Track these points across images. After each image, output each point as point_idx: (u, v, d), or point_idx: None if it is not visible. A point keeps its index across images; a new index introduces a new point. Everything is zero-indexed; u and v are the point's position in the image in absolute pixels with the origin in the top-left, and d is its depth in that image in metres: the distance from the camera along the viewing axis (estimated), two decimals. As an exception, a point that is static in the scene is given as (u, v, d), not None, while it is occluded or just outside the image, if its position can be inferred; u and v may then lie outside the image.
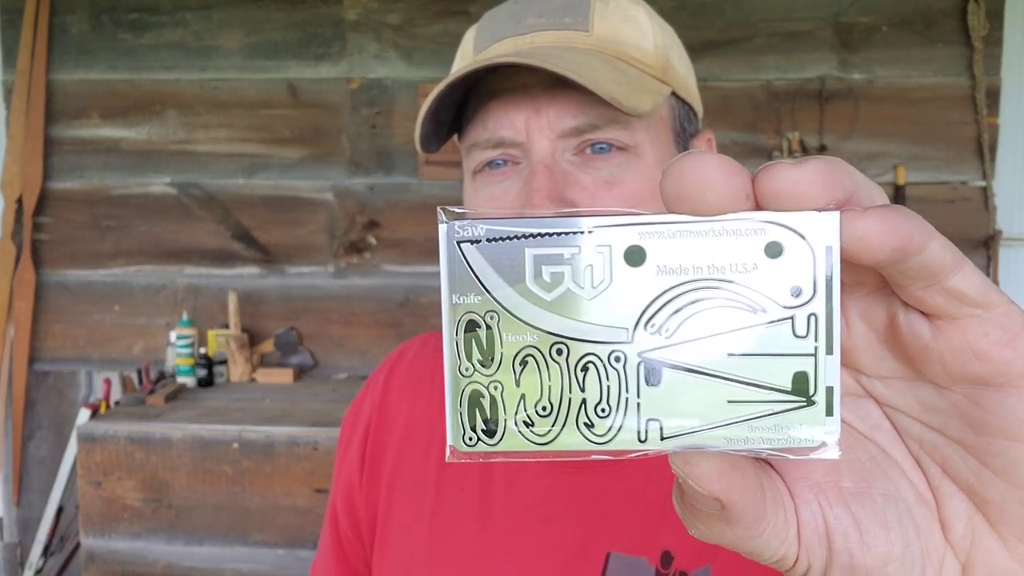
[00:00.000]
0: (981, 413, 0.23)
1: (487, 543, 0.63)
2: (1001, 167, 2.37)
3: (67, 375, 2.64)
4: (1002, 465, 0.23)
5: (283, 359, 2.56)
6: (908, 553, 0.24)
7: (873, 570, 0.24)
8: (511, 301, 0.22)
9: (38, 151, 2.54)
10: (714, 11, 2.39)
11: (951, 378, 0.23)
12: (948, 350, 0.22)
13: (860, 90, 2.37)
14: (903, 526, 0.24)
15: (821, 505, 0.24)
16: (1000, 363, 0.22)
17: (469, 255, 0.22)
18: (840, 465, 0.25)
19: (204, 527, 2.03)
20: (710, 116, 2.43)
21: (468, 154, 0.60)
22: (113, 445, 2.00)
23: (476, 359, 0.22)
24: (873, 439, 0.25)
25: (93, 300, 2.60)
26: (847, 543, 0.24)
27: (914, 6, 2.35)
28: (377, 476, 0.70)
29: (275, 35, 2.50)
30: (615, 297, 0.21)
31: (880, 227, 0.21)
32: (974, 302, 0.22)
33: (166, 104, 2.54)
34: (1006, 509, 0.23)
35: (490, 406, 0.22)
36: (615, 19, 0.58)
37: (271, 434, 1.98)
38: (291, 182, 2.54)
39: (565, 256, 0.21)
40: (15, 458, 2.61)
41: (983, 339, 0.22)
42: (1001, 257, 2.37)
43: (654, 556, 0.57)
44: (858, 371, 0.25)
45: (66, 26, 2.53)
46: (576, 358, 0.21)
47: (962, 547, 0.24)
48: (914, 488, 0.25)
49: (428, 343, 0.75)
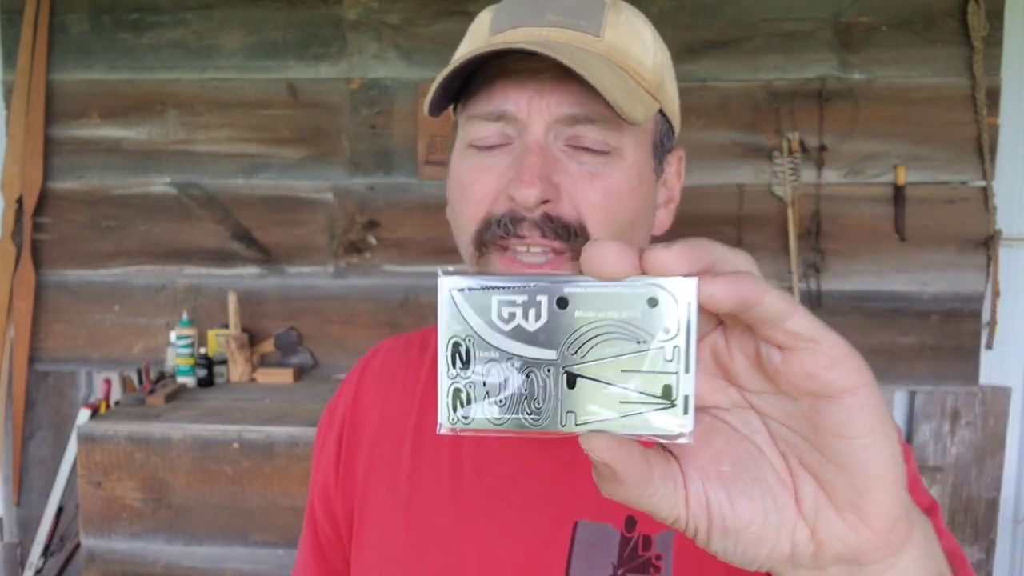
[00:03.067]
0: (818, 418, 0.31)
1: (461, 524, 0.66)
2: (1001, 167, 2.37)
3: (67, 375, 2.64)
4: (833, 455, 0.31)
5: (283, 359, 2.57)
6: (767, 520, 0.33)
7: (740, 529, 0.33)
8: (482, 330, 0.31)
9: (38, 151, 2.54)
10: (714, 11, 2.39)
11: (797, 392, 0.31)
12: (792, 373, 0.30)
13: (860, 90, 2.37)
14: (764, 501, 0.33)
15: (704, 483, 0.33)
16: (826, 382, 0.30)
17: (456, 299, 0.31)
18: (722, 455, 0.34)
19: (204, 527, 2.03)
20: (709, 117, 2.44)
21: (467, 124, 0.63)
22: (113, 445, 2.00)
23: (459, 367, 0.32)
24: (751, 439, 0.34)
25: (93, 300, 2.60)
26: (721, 511, 0.33)
27: (914, 6, 2.35)
28: (352, 472, 0.73)
29: (275, 35, 2.50)
30: (549, 330, 0.31)
31: (724, 289, 0.29)
32: (807, 338, 0.29)
33: (166, 104, 2.54)
34: (838, 488, 0.32)
35: (466, 398, 0.32)
36: (624, 31, 0.62)
37: (271, 434, 1.99)
38: (291, 182, 2.54)
39: (517, 302, 0.31)
40: (15, 458, 2.61)
41: (814, 365, 0.30)
42: (1001, 257, 2.37)
43: (619, 522, 0.62)
44: (742, 388, 0.33)
45: (66, 26, 2.53)
46: (523, 368, 0.31)
47: (810, 516, 0.33)
48: (776, 474, 0.33)
49: (399, 343, 0.79)
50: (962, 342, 2.41)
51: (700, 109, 2.42)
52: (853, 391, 0.30)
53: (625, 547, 0.62)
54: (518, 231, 0.58)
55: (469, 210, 0.61)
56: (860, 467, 0.31)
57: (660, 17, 2.40)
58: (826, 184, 2.40)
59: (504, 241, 0.59)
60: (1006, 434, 2.45)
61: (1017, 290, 2.44)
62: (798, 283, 2.40)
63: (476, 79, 0.61)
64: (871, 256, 2.42)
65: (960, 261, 2.39)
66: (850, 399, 0.30)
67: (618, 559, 0.61)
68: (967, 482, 2.46)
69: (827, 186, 2.40)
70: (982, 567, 2.47)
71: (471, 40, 0.67)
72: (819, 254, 2.41)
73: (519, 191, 0.57)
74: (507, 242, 0.59)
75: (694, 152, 2.44)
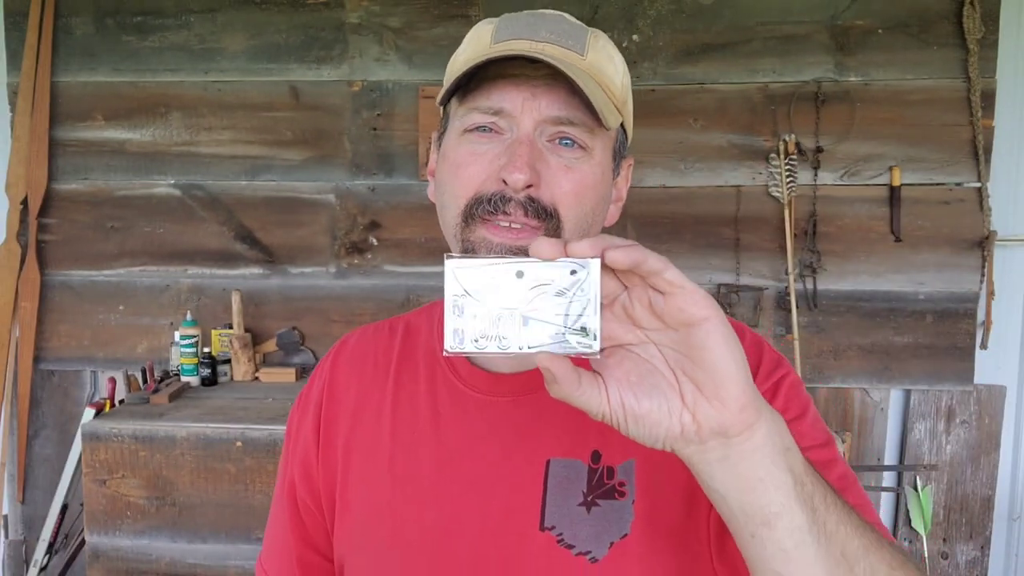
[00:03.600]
0: (689, 339, 0.47)
1: (444, 470, 0.76)
2: (996, 169, 2.39)
3: (72, 374, 2.66)
4: (701, 363, 0.47)
5: (285, 358, 2.59)
6: (661, 408, 0.49)
7: (644, 416, 0.50)
8: (472, 291, 0.49)
9: (43, 153, 2.56)
10: (711, 14, 2.42)
11: (675, 323, 0.47)
12: (671, 309, 0.47)
13: (856, 92, 2.40)
14: (659, 397, 0.50)
15: (619, 390, 0.50)
16: (691, 313, 0.46)
17: (456, 273, 0.49)
18: (630, 371, 0.51)
19: (207, 525, 2.05)
20: (706, 119, 2.46)
21: (466, 113, 0.72)
22: (117, 443, 2.02)
23: (456, 314, 0.49)
24: (651, 362, 0.50)
25: (98, 300, 2.62)
26: (631, 405, 0.50)
27: (910, 9, 2.37)
28: (332, 445, 0.82)
29: (277, 38, 2.52)
30: (512, 290, 0.49)
31: (624, 254, 0.46)
32: (677, 285, 0.46)
33: (170, 106, 2.56)
34: (706, 385, 0.48)
35: (461, 332, 0.49)
36: (602, 55, 0.73)
37: (274, 432, 2.00)
38: (293, 183, 2.56)
39: (491, 274, 0.49)
40: (20, 456, 2.64)
41: (683, 302, 0.46)
42: (995, 257, 2.39)
43: (585, 456, 0.73)
44: (642, 328, 0.50)
45: (70, 28, 2.56)
46: (496, 314, 0.49)
47: (691, 406, 0.49)
48: (667, 381, 0.50)
49: (367, 331, 0.90)
50: (957, 342, 2.43)
51: (698, 111, 2.44)
52: (708, 318, 0.46)
53: (593, 477, 0.72)
54: (505, 208, 0.68)
55: (461, 187, 0.71)
56: (717, 369, 0.47)
57: (658, 20, 2.42)
58: (822, 185, 2.43)
59: (491, 216, 0.69)
60: (1001, 433, 2.47)
61: (1011, 290, 2.46)
62: (795, 283, 2.42)
63: (476, 78, 0.71)
64: (867, 256, 2.44)
65: (955, 261, 2.41)
66: (706, 324, 0.46)
67: (587, 487, 0.72)
68: (962, 480, 2.48)
69: (823, 187, 2.43)
70: (977, 564, 2.49)
71: (473, 47, 0.75)
72: (815, 254, 2.43)
73: (511, 175, 0.67)
74: (494, 217, 0.69)
75: (692, 154, 2.46)
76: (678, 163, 2.47)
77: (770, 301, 2.48)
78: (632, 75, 0.81)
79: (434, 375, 0.80)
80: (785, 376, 0.73)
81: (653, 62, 2.44)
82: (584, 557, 0.70)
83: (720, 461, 0.50)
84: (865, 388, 2.50)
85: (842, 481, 0.67)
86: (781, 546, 0.50)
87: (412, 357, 0.83)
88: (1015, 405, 2.50)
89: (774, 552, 0.50)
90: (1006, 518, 2.54)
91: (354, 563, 0.80)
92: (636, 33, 2.43)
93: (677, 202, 2.48)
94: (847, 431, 2.48)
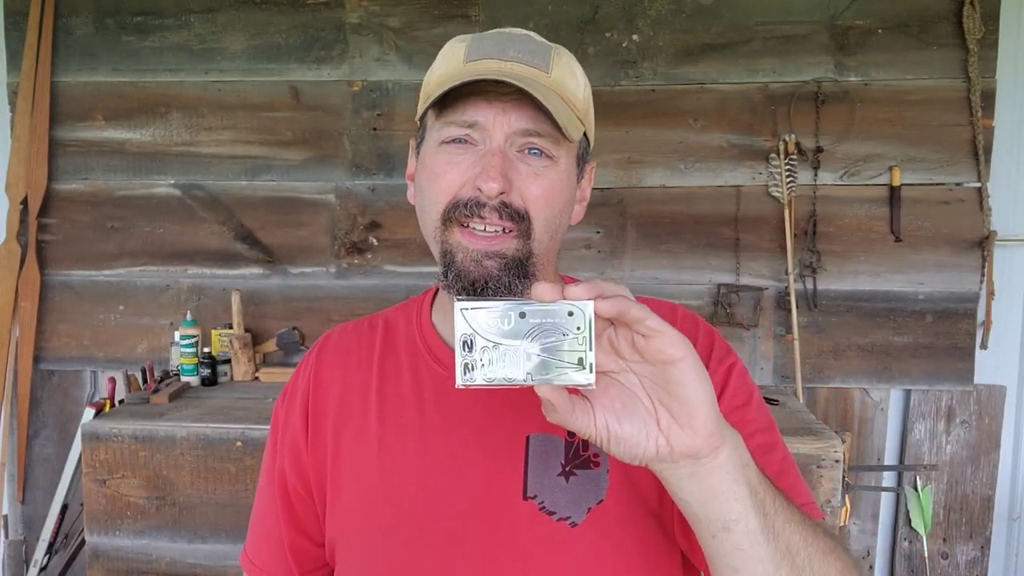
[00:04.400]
0: (666, 374, 0.54)
1: (428, 448, 0.82)
2: (996, 169, 2.39)
3: (72, 374, 2.66)
4: (675, 395, 0.54)
5: (285, 358, 2.59)
6: (640, 432, 0.56)
7: (625, 439, 0.56)
8: (480, 330, 0.54)
9: (43, 153, 2.56)
10: (711, 14, 2.42)
11: (654, 360, 0.54)
12: (651, 349, 0.53)
13: (856, 92, 2.40)
14: (639, 422, 0.56)
15: (604, 414, 0.57)
16: (668, 354, 0.53)
17: (465, 314, 0.54)
18: (615, 398, 0.57)
19: (207, 525, 2.05)
20: (706, 119, 2.47)
21: (442, 126, 0.79)
22: (117, 443, 2.02)
23: (466, 351, 0.54)
24: (632, 390, 0.57)
25: (98, 300, 2.62)
26: (614, 428, 0.57)
27: (910, 9, 2.37)
28: (322, 431, 0.88)
29: (278, 38, 2.52)
30: (516, 329, 0.54)
31: (609, 305, 0.52)
32: (656, 330, 0.53)
33: (170, 106, 2.57)
34: (679, 414, 0.55)
35: (471, 367, 0.54)
36: (565, 71, 0.80)
37: (274, 432, 2.00)
38: (293, 183, 2.56)
39: (498, 315, 0.54)
40: (20, 456, 2.64)
41: (661, 344, 0.53)
42: (995, 257, 2.39)
43: (561, 432, 0.79)
44: (624, 359, 0.56)
45: (70, 28, 2.56)
46: (503, 350, 0.54)
47: (665, 431, 0.56)
48: (646, 408, 0.56)
49: (347, 328, 0.96)
50: (957, 342, 2.43)
51: (698, 111, 2.45)
52: (683, 358, 0.53)
53: (569, 449, 0.79)
54: (480, 213, 0.75)
55: (440, 193, 0.78)
56: (690, 401, 0.54)
57: (658, 20, 2.42)
58: (822, 185, 2.43)
59: (467, 220, 0.76)
60: (1001, 433, 2.47)
61: (1011, 290, 2.46)
62: (795, 283, 2.42)
63: (451, 95, 0.77)
64: (867, 256, 2.44)
65: (955, 262, 2.41)
66: (681, 363, 0.53)
67: (565, 459, 0.79)
68: (962, 480, 2.48)
69: (823, 187, 2.43)
70: (977, 564, 2.49)
71: (447, 63, 0.81)
72: (815, 255, 2.43)
73: (485, 184, 0.74)
74: (470, 220, 0.76)
75: (692, 154, 2.46)
76: (678, 163, 2.47)
77: (770, 301, 2.48)
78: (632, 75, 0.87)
79: (417, 365, 0.87)
80: (734, 364, 0.83)
81: (653, 62, 2.44)
82: (565, 522, 0.77)
83: (689, 477, 0.57)
84: (865, 388, 2.50)
85: (783, 463, 0.79)
86: (738, 546, 0.59)
87: (394, 350, 0.89)
88: (1015, 405, 2.50)
89: (731, 551, 0.59)
90: (1006, 518, 2.54)
91: (346, 544, 0.85)
92: (636, 33, 2.43)
93: (677, 202, 2.48)
94: (847, 431, 2.47)
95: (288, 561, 0.90)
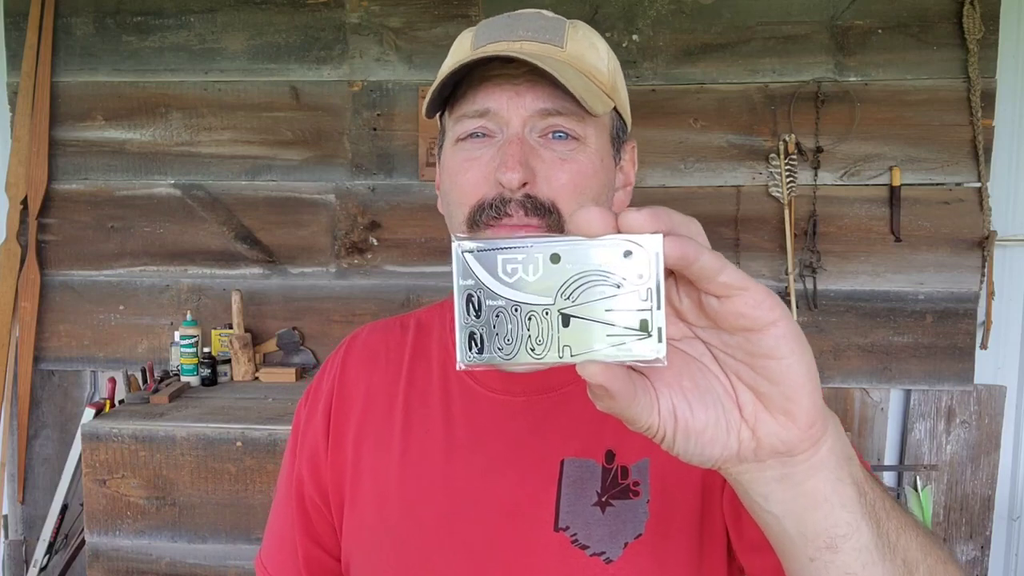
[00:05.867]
0: (751, 346, 0.39)
1: (453, 465, 0.75)
2: (996, 169, 2.39)
3: (72, 374, 2.66)
4: (765, 373, 0.40)
5: (285, 358, 2.59)
6: (718, 423, 0.41)
7: (698, 432, 0.41)
8: (489, 283, 0.38)
9: (43, 153, 2.56)
10: (711, 14, 2.42)
11: (732, 328, 0.39)
12: (727, 313, 0.39)
13: (856, 93, 2.40)
14: (716, 407, 0.41)
15: (671, 395, 0.41)
16: (754, 318, 0.38)
17: (467, 259, 0.38)
18: (682, 374, 0.41)
19: (208, 525, 2.05)
20: (707, 119, 2.46)
21: (456, 122, 0.73)
22: (117, 443, 2.02)
23: (472, 315, 0.38)
24: (701, 361, 0.42)
25: (98, 300, 2.62)
26: (684, 416, 0.41)
27: (910, 9, 2.37)
28: (343, 438, 0.81)
29: (278, 38, 2.52)
30: (545, 280, 0.37)
31: (671, 248, 0.36)
32: (736, 288, 0.38)
33: (170, 106, 2.56)
34: (771, 397, 0.40)
35: (479, 340, 0.38)
36: (583, 44, 0.73)
37: (274, 432, 2.01)
38: (293, 184, 2.56)
39: (519, 259, 0.38)
40: (20, 456, 2.63)
41: (743, 306, 0.38)
42: (996, 257, 2.39)
43: (599, 456, 0.71)
44: (689, 324, 0.41)
45: (70, 29, 2.56)
46: (525, 313, 0.38)
47: (751, 420, 0.41)
48: (723, 386, 0.42)
49: (377, 326, 0.89)
50: (957, 342, 2.43)
51: (698, 111, 2.44)
52: (775, 322, 0.39)
53: (607, 477, 0.71)
54: (507, 210, 0.68)
55: (463, 196, 0.71)
56: (787, 380, 0.40)
57: (658, 20, 2.42)
58: (822, 185, 2.43)
59: (495, 222, 0.69)
60: (1001, 433, 2.47)
61: (1011, 290, 2.46)
62: (795, 283, 2.42)
63: (462, 86, 0.72)
64: (867, 256, 2.44)
65: (955, 262, 2.41)
66: (774, 329, 0.39)
67: (601, 487, 0.71)
68: (962, 480, 2.48)
69: (823, 187, 2.43)
70: (977, 564, 2.49)
71: (455, 55, 0.76)
72: (815, 255, 2.43)
73: (504, 175, 0.67)
74: (498, 222, 0.69)
75: (692, 154, 2.46)
76: (678, 163, 2.47)
77: (770, 301, 2.47)
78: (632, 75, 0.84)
79: (447, 373, 0.80)
80: None
81: (653, 62, 2.44)
82: (599, 558, 0.69)
83: (779, 481, 0.43)
84: (865, 388, 2.50)
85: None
86: (847, 570, 0.44)
87: (425, 354, 0.83)
88: (1015, 405, 2.50)
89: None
90: (1006, 518, 2.54)
91: (361, 560, 0.79)
92: (636, 33, 2.43)
93: (677, 202, 2.48)
94: (847, 431, 2.48)
95: (302, 573, 0.85)
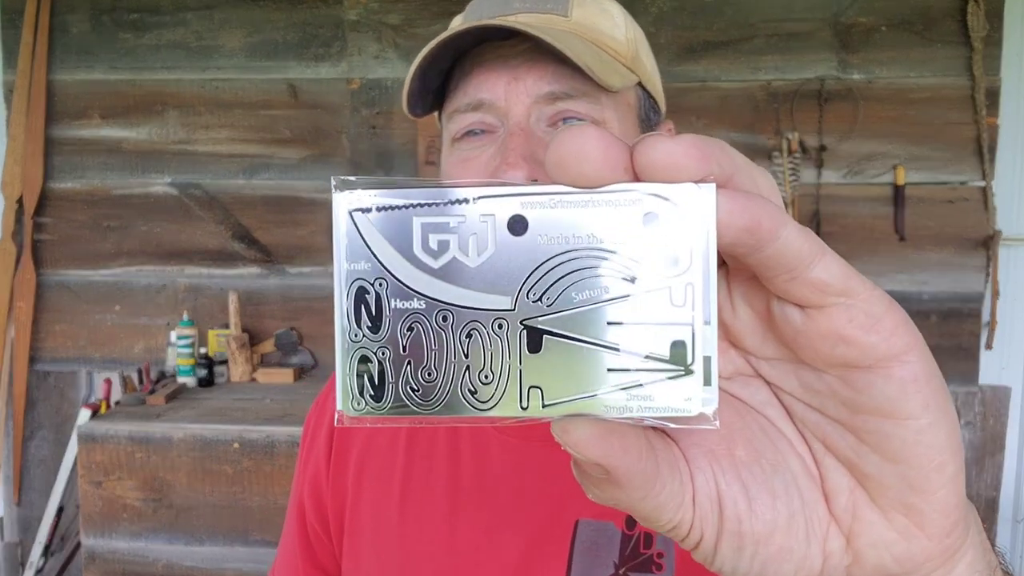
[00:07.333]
0: (853, 393, 0.23)
1: (457, 518, 0.65)
2: (1000, 167, 2.38)
3: (68, 375, 2.64)
4: (877, 441, 0.24)
5: (283, 359, 2.57)
6: (793, 523, 0.25)
7: (760, 538, 0.24)
8: (399, 268, 0.22)
9: (39, 151, 2.54)
10: (713, 12, 2.40)
11: (824, 361, 0.23)
12: (818, 336, 0.23)
13: (859, 90, 2.38)
14: (789, 496, 0.25)
15: (714, 472, 0.25)
16: (865, 346, 0.22)
17: (360, 223, 0.22)
18: (733, 434, 0.25)
19: (204, 527, 2.03)
20: (709, 117, 2.44)
21: (449, 120, 0.63)
22: (114, 445, 2.01)
23: (365, 325, 0.23)
24: (764, 414, 0.26)
25: (94, 300, 2.60)
26: (736, 509, 0.24)
27: (913, 7, 2.35)
28: (344, 465, 0.72)
29: (275, 35, 2.50)
30: (498, 266, 0.21)
31: (726, 206, 0.20)
32: (837, 291, 0.22)
33: (167, 104, 2.55)
34: (884, 483, 0.24)
35: (378, 372, 0.22)
36: (592, 9, 0.63)
37: (271, 434, 1.99)
38: (291, 182, 2.55)
39: (451, 225, 0.21)
40: (16, 458, 2.62)
41: (848, 324, 0.22)
42: (1000, 257, 2.37)
43: (620, 520, 0.60)
44: (746, 352, 0.26)
45: (67, 26, 2.54)
46: (461, 325, 0.22)
47: (845, 519, 0.25)
48: (801, 461, 0.25)
49: None
50: (962, 342, 2.41)
51: (700, 109, 2.43)
52: (901, 357, 0.23)
53: (627, 545, 0.60)
54: None
55: None
56: (915, 456, 0.23)
57: (660, 17, 2.40)
58: (826, 184, 2.41)
59: None
60: (1006, 434, 2.45)
61: (1016, 290, 2.44)
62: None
63: (453, 75, 0.62)
64: (870, 256, 2.42)
65: (959, 261, 2.39)
66: (899, 368, 0.23)
67: (619, 557, 0.60)
68: (967, 482, 2.45)
69: (827, 186, 2.41)
70: (981, 567, 2.47)
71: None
72: (819, 254, 2.41)
73: (506, 174, 0.56)
74: None
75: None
76: (680, 162, 2.45)
77: (773, 301, 2.46)
78: None
79: None
80: None
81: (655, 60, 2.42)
82: None
83: None
84: (868, 389, 2.48)
85: None
86: None
87: None
88: (1020, 406, 2.48)
89: None
90: (1010, 520, 2.52)
91: None
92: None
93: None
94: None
95: None
